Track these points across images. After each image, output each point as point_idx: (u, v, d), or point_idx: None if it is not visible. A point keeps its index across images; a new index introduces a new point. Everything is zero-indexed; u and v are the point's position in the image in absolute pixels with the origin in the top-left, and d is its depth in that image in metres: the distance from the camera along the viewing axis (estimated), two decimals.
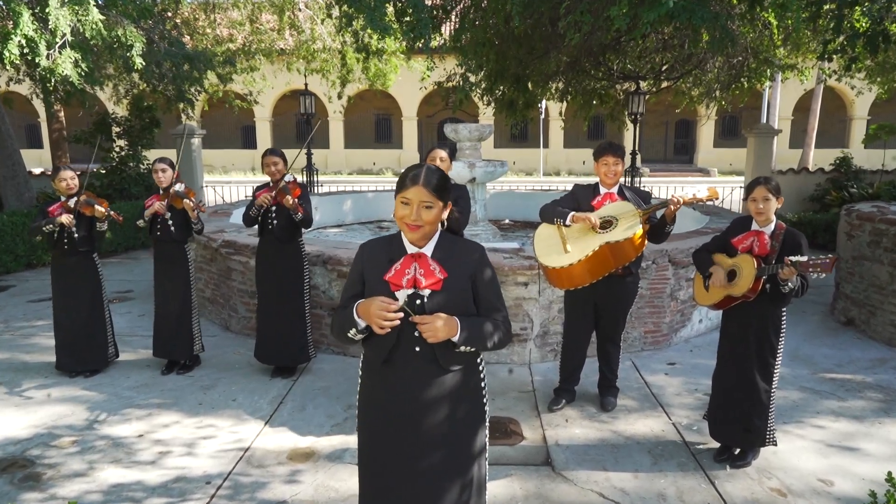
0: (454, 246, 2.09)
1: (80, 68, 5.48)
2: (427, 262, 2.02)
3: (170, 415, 4.03)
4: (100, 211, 4.43)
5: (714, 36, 6.69)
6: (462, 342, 1.96)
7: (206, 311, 6.10)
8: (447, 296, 2.00)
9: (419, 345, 1.97)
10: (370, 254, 2.09)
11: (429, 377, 2.01)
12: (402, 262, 2.02)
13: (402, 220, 1.96)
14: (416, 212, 1.94)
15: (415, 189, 1.94)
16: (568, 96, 11.66)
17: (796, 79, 11.97)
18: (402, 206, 1.96)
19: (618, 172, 3.77)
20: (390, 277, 1.99)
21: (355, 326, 1.96)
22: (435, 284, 1.99)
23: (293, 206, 4.35)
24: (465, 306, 2.03)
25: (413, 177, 1.96)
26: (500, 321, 2.08)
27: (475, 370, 2.13)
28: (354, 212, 10.10)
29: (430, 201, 1.95)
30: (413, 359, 2.00)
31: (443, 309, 1.96)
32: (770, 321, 3.28)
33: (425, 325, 1.89)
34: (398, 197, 1.97)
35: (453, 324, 1.93)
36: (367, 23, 7.37)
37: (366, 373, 2.14)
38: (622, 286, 3.84)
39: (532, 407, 4.16)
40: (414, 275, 2.00)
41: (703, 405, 4.14)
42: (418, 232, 1.98)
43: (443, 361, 2.01)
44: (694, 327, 5.52)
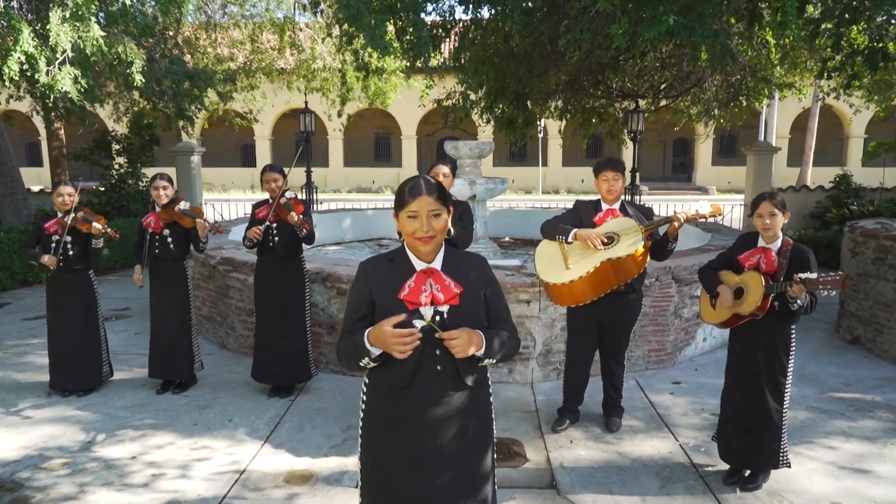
0: (459, 259, 2.05)
1: (80, 84, 5.46)
2: (441, 277, 1.96)
3: (164, 436, 3.93)
4: (97, 228, 4.37)
5: (714, 53, 6.71)
6: (485, 354, 1.91)
7: (203, 329, 6.02)
8: (465, 310, 1.95)
9: (441, 363, 1.91)
10: (376, 272, 2.01)
11: (448, 394, 1.95)
12: (415, 278, 1.96)
13: (413, 234, 1.91)
14: (427, 222, 1.89)
15: (420, 200, 1.88)
16: (567, 115, 11.69)
17: (794, 97, 12.02)
18: (409, 221, 1.90)
19: (618, 188, 3.73)
20: (406, 296, 1.92)
21: (368, 355, 1.88)
22: (453, 299, 1.94)
23: (299, 223, 4.30)
24: (480, 319, 1.99)
25: (413, 189, 1.90)
26: (511, 331, 2.06)
27: (485, 385, 2.09)
28: (354, 229, 10.05)
29: (437, 209, 1.90)
30: (434, 378, 1.93)
31: (462, 323, 1.91)
32: (779, 339, 3.21)
33: (455, 341, 1.82)
34: (403, 212, 1.91)
35: (478, 336, 1.88)
36: (368, 41, 7.39)
37: (377, 397, 2.04)
38: (625, 303, 3.78)
39: (535, 427, 4.07)
40: (431, 291, 1.94)
41: (710, 426, 4.05)
42: (432, 243, 1.92)
43: (464, 375, 1.96)
44: (698, 346, 5.44)
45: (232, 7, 13.90)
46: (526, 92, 10.31)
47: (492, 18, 8.86)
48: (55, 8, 4.94)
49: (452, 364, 1.92)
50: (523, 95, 10.47)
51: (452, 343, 1.83)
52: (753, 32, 8.59)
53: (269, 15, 14.02)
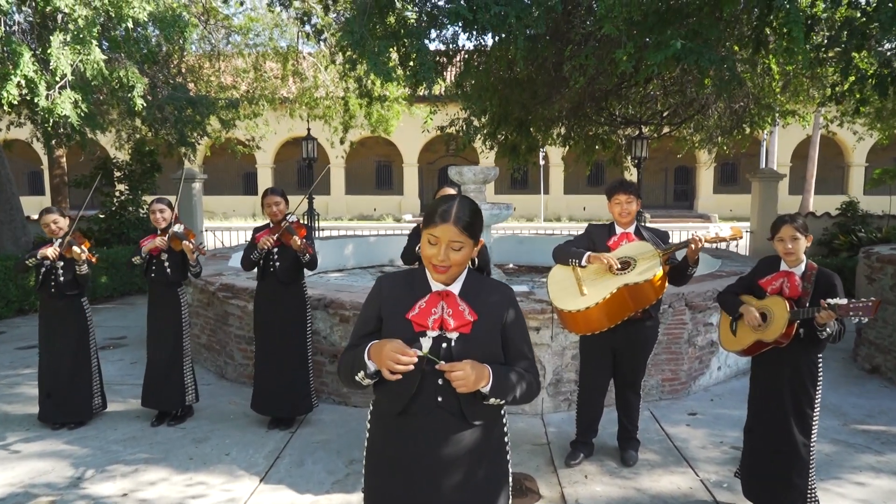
0: (482, 286, 1.89)
1: (80, 109, 5.39)
2: (455, 302, 1.81)
3: (157, 471, 3.74)
4: (76, 252, 4.23)
5: (721, 78, 6.66)
6: (492, 393, 1.74)
7: (202, 357, 5.85)
8: (476, 340, 1.79)
9: (442, 394, 1.75)
10: (390, 288, 1.88)
11: (450, 431, 1.78)
12: (427, 299, 1.81)
13: (429, 259, 1.77)
14: (445, 252, 1.75)
15: (444, 227, 1.73)
16: (570, 141, 11.66)
17: (796, 125, 12.01)
18: (428, 245, 1.77)
19: (632, 211, 3.60)
20: (414, 316, 1.78)
21: (364, 369, 1.74)
22: (464, 327, 1.79)
23: (302, 247, 4.16)
24: (493, 353, 1.82)
25: (443, 213, 1.75)
26: (531, 371, 1.88)
27: (499, 423, 1.91)
28: (356, 256, 9.92)
29: (460, 241, 1.75)
30: (434, 410, 1.77)
31: (471, 355, 1.75)
32: (805, 369, 3.04)
33: (455, 374, 1.66)
34: (425, 233, 1.78)
35: (484, 372, 1.71)
36: (371, 68, 7.36)
37: (376, 424, 1.90)
38: (642, 330, 3.62)
39: (547, 461, 3.87)
40: (441, 315, 1.79)
41: (731, 460, 3.86)
42: (445, 274, 1.79)
43: (468, 414, 1.78)
44: (713, 375, 5.26)
45: (235, 36, 14.02)
46: (529, 118, 10.30)
47: (496, 45, 8.87)
48: (57, 32, 4.90)
49: (455, 398, 1.76)
50: (526, 122, 10.45)
51: (453, 376, 1.67)
52: (757, 59, 8.58)
53: (272, 44, 14.13)
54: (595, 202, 26.46)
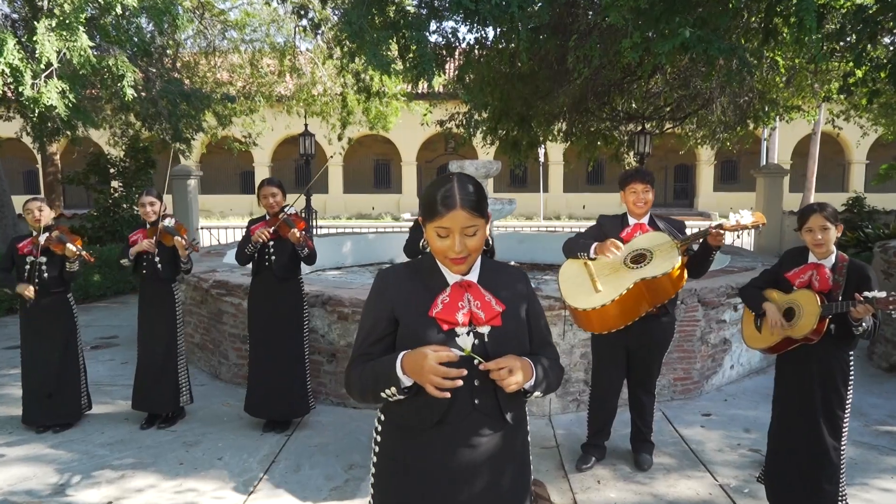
0: (497, 270, 1.71)
1: (68, 99, 5.18)
2: (481, 293, 1.63)
3: (145, 477, 3.54)
4: (70, 250, 4.01)
5: (730, 68, 6.47)
6: (536, 386, 1.59)
7: (195, 357, 5.64)
8: (509, 332, 1.61)
9: (479, 396, 1.57)
10: (399, 283, 1.66)
11: (483, 434, 1.60)
12: (450, 292, 1.61)
13: (443, 253, 1.57)
14: (461, 242, 1.55)
15: (452, 215, 1.53)
16: (572, 137, 11.47)
17: (797, 121, 11.84)
18: (438, 239, 1.56)
19: (648, 201, 3.41)
20: (440, 313, 1.58)
21: (396, 385, 1.51)
22: (494, 319, 1.60)
23: (301, 240, 3.95)
24: (524, 344, 1.65)
25: (446, 199, 1.54)
26: (554, 357, 1.73)
27: (524, 423, 1.74)
28: (354, 254, 9.71)
29: (473, 224, 1.55)
30: (470, 414, 1.58)
31: (506, 348, 1.57)
32: (836, 367, 2.85)
33: (504, 371, 1.49)
34: (430, 226, 1.57)
35: (528, 365, 1.55)
36: (369, 59, 7.16)
37: (396, 438, 1.66)
38: (658, 327, 3.42)
39: (557, 466, 3.68)
40: (469, 308, 1.60)
41: (750, 463, 3.67)
42: (465, 263, 1.60)
43: (505, 409, 1.62)
44: (726, 374, 5.07)
45: (232, 32, 13.80)
46: (530, 113, 10.11)
47: (497, 38, 8.68)
48: (43, 18, 4.69)
49: (493, 397, 1.58)
50: (528, 117, 10.26)
51: (502, 374, 1.49)
52: (763, 53, 8.40)
53: (269, 40, 13.92)
54: (595, 200, 26.29)
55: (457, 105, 11.21)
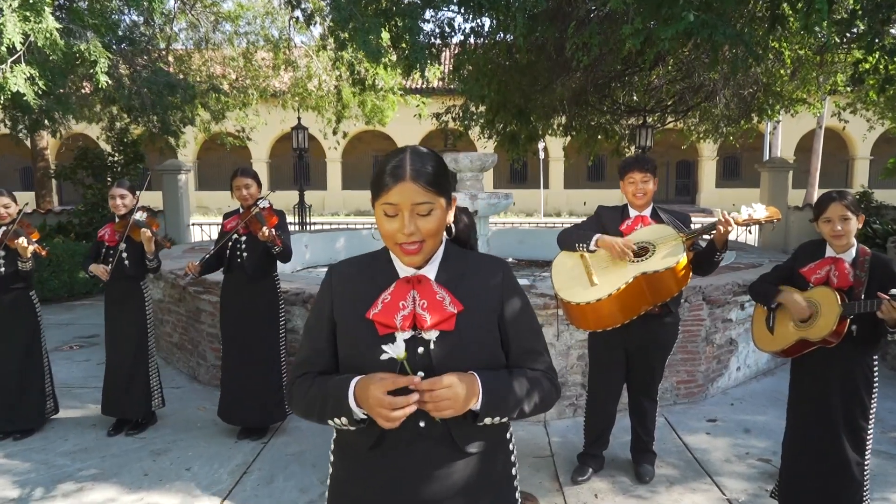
0: (466, 263, 1.42)
1: (38, 86, 4.92)
2: (432, 290, 1.35)
3: (105, 489, 3.27)
4: (21, 245, 3.73)
5: (736, 55, 6.19)
6: (485, 411, 1.29)
7: (174, 358, 5.38)
8: (463, 339, 1.32)
9: (425, 417, 1.29)
10: (344, 280, 1.41)
11: (438, 465, 1.32)
12: (392, 289, 1.35)
13: (392, 238, 1.31)
14: (411, 222, 1.28)
15: (401, 187, 1.27)
16: (572, 131, 11.19)
17: (809, 112, 11.55)
18: (386, 219, 1.30)
19: (648, 191, 3.13)
20: (377, 315, 1.32)
21: (347, 415, 1.27)
22: (445, 322, 1.32)
23: (270, 239, 3.67)
24: (489, 353, 1.36)
25: (394, 170, 1.29)
26: (541, 371, 1.42)
27: (503, 447, 1.44)
28: (348, 250, 9.44)
29: (427, 201, 1.28)
30: (416, 439, 1.31)
31: (458, 360, 1.29)
32: (859, 373, 2.58)
33: (439, 392, 1.21)
34: (377, 204, 1.31)
35: (472, 386, 1.26)
36: (360, 46, 6.89)
37: (341, 459, 1.42)
38: (660, 327, 3.15)
39: (552, 477, 3.41)
40: (413, 309, 1.32)
41: (759, 475, 3.40)
42: (419, 253, 1.31)
43: (460, 441, 1.33)
44: (731, 376, 4.80)
45: (225, 25, 13.54)
46: (529, 107, 9.83)
47: (493, 27, 8.40)
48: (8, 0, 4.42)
49: (443, 421, 1.30)
50: (526, 110, 9.98)
51: (436, 395, 1.21)
52: (768, 43, 8.10)
53: (263, 32, 13.65)
54: (595, 196, 25.98)
55: (453, 100, 10.93)
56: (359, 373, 1.29)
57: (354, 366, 1.32)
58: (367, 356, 1.30)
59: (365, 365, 1.29)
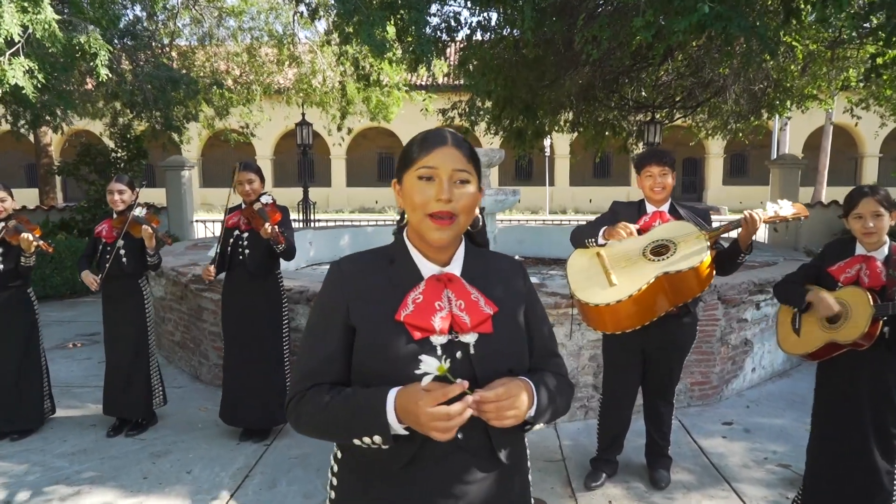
0: (486, 262, 1.32)
1: (37, 79, 4.82)
2: (465, 289, 1.24)
3: (103, 493, 3.17)
4: (26, 240, 3.64)
5: (750, 48, 6.05)
6: (538, 416, 1.20)
7: (176, 356, 5.28)
8: (502, 342, 1.23)
9: (464, 429, 1.15)
10: (357, 277, 1.26)
11: (473, 477, 1.21)
12: (424, 288, 1.22)
13: (423, 207, 1.18)
14: (449, 188, 1.17)
15: (441, 151, 1.18)
16: (580, 127, 11.05)
17: (821, 108, 11.39)
18: (420, 186, 1.18)
19: (667, 185, 3.01)
20: (409, 317, 1.19)
21: (383, 432, 1.11)
22: (483, 324, 1.21)
23: (273, 236, 3.56)
24: (521, 356, 1.27)
25: (434, 136, 1.21)
26: (562, 372, 1.34)
27: (523, 462, 1.34)
28: (353, 247, 9.34)
29: (466, 169, 1.19)
30: (452, 453, 1.19)
31: (498, 364, 1.19)
32: (892, 378, 2.44)
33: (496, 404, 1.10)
34: (410, 172, 1.20)
35: (526, 389, 1.16)
36: (364, 39, 6.77)
37: (358, 479, 1.27)
38: (679, 328, 3.02)
39: (563, 482, 3.29)
40: (450, 310, 1.21)
41: (779, 481, 3.28)
42: (451, 227, 1.19)
43: (498, 447, 1.23)
44: (746, 377, 4.67)
45: (229, 20, 13.44)
46: (536, 102, 9.69)
47: (500, 21, 8.27)
48: None
49: (482, 431, 1.18)
50: (533, 105, 9.85)
51: (491, 408, 1.09)
52: (780, 37, 7.95)
53: (267, 27, 13.54)
54: (601, 194, 25.83)
55: (459, 95, 10.82)
56: (388, 383, 1.15)
57: (380, 375, 1.18)
58: (401, 363, 1.17)
59: (398, 374, 1.16)
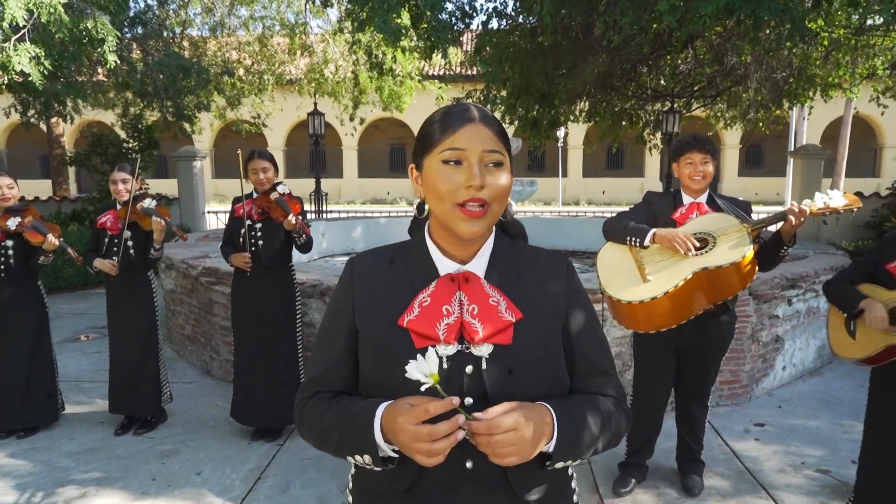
0: (521, 258, 1.14)
1: (43, 66, 4.70)
2: (483, 292, 1.06)
3: (110, 494, 3.05)
4: (52, 243, 3.51)
5: (780, 31, 5.80)
6: (559, 454, 1.00)
7: (186, 351, 5.17)
8: (524, 357, 1.04)
9: (472, 456, 1.01)
10: (367, 275, 1.13)
11: None
12: (433, 290, 1.06)
13: (452, 196, 1.01)
14: (481, 173, 1.00)
15: (469, 130, 1.01)
16: (596, 117, 10.82)
17: (843, 97, 11.08)
18: (446, 171, 1.01)
19: (707, 174, 2.82)
20: (414, 322, 1.04)
21: (371, 452, 0.98)
22: (501, 334, 1.04)
23: (296, 227, 3.40)
24: (553, 374, 1.07)
25: (459, 112, 1.03)
26: (613, 398, 1.13)
27: (568, 492, 1.16)
28: (365, 239, 9.21)
29: (497, 151, 1.02)
30: (461, 483, 1.03)
31: (516, 383, 1.02)
32: None
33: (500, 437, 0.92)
34: (433, 156, 1.03)
35: (542, 424, 0.96)
36: (378, 26, 6.58)
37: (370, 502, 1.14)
38: (716, 327, 2.84)
39: (590, 488, 3.13)
40: (460, 316, 1.04)
41: (820, 488, 3.10)
42: (483, 219, 1.02)
43: (519, 487, 1.05)
44: (777, 376, 4.48)
45: (241, 9, 13.29)
46: (552, 91, 9.48)
47: (517, 7, 8.06)
48: None
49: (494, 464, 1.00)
50: (549, 94, 9.63)
51: (482, 440, 0.93)
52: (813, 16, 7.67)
53: (279, 17, 13.38)
54: (614, 185, 25.53)
55: (473, 85, 10.61)
56: (388, 395, 1.01)
57: (381, 386, 1.04)
58: (399, 375, 1.01)
59: (397, 386, 1.01)
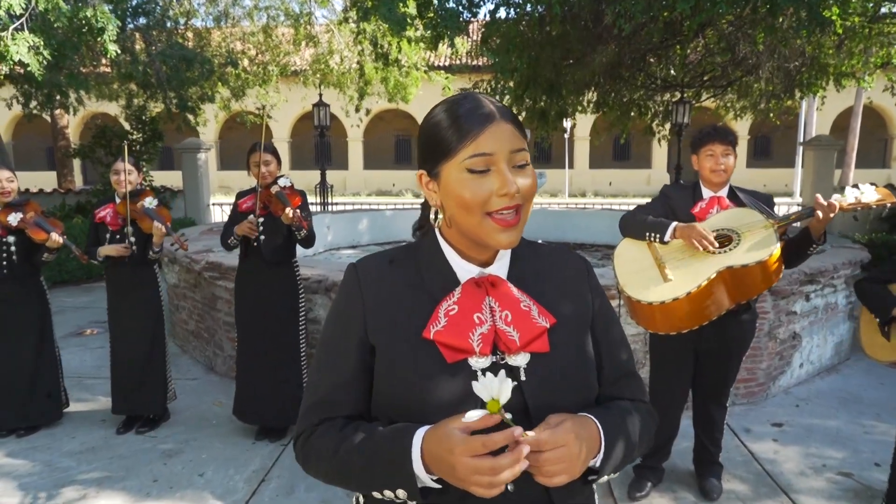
0: (539, 258, 1.05)
1: (42, 56, 4.60)
2: (512, 296, 0.97)
3: (110, 497, 2.97)
4: (55, 241, 3.42)
5: (799, 20, 5.65)
6: (606, 465, 0.92)
7: (190, 346, 5.09)
8: (561, 365, 0.95)
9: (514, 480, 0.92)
10: (377, 282, 1.01)
11: None
12: (459, 297, 0.96)
13: (483, 206, 0.90)
14: (513, 176, 0.90)
15: (493, 131, 0.90)
16: (604, 108, 10.67)
17: (857, 87, 10.89)
18: (474, 180, 0.90)
19: (729, 167, 2.70)
20: (441, 333, 0.93)
21: (409, 486, 0.86)
22: (537, 342, 0.94)
23: (295, 221, 3.31)
24: (587, 382, 0.99)
25: (475, 110, 0.91)
26: (639, 398, 1.06)
27: (591, 502, 1.07)
28: (371, 231, 9.10)
29: (523, 149, 0.92)
30: None
31: (556, 394, 0.93)
32: None
33: (552, 453, 0.83)
34: (455, 163, 0.91)
35: (592, 439, 0.88)
36: (383, 16, 6.46)
37: None
38: (737, 326, 2.73)
39: (604, 491, 3.04)
40: (493, 324, 0.94)
41: (842, 492, 3.00)
42: (519, 226, 0.92)
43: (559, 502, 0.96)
44: (794, 373, 4.37)
45: None
46: (560, 81, 9.33)
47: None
48: None
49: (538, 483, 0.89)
50: (557, 85, 9.48)
51: (538, 459, 0.82)
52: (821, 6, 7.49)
53: (283, 7, 13.24)
54: (621, 177, 25.33)
55: (480, 76, 10.47)
56: (412, 419, 0.90)
57: (403, 408, 0.93)
58: (431, 395, 0.91)
59: (426, 408, 0.91)
